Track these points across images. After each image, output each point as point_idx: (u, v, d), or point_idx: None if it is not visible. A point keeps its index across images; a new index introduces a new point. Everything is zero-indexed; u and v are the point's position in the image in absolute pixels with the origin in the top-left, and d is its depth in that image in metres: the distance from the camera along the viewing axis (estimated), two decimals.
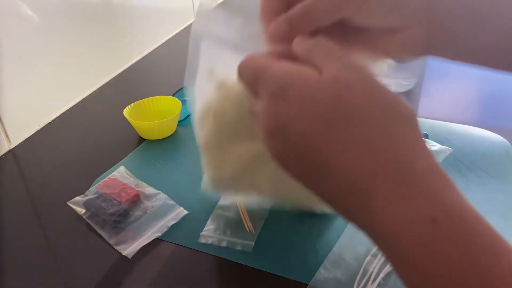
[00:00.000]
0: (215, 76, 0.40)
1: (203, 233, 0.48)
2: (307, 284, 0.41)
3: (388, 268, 0.40)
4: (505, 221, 0.47)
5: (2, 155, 0.62)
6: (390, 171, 0.25)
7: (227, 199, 0.51)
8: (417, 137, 0.26)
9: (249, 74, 0.31)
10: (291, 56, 0.31)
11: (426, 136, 0.60)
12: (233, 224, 0.48)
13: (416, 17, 0.33)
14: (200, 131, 0.43)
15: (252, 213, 0.49)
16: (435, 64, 0.86)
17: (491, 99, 0.73)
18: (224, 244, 0.46)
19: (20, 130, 0.65)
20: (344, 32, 0.34)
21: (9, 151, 0.63)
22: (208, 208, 0.51)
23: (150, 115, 0.66)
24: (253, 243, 0.46)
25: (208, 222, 0.49)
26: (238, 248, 0.46)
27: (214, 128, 0.41)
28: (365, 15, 0.33)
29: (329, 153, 0.26)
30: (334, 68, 0.27)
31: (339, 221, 0.48)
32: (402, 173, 0.25)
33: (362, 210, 0.26)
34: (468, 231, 0.23)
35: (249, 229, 0.47)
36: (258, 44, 0.34)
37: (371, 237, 0.26)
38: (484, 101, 0.73)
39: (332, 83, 0.27)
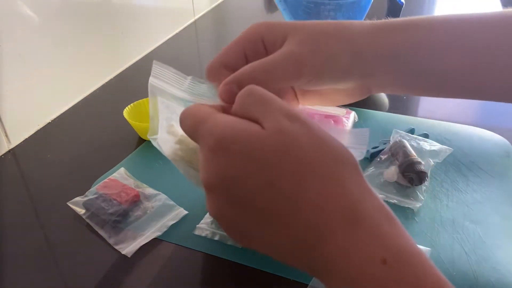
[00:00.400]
0: (174, 131, 0.42)
1: (199, 225, 0.49)
2: (307, 284, 0.41)
3: None
4: (505, 221, 0.47)
5: (2, 155, 0.62)
6: (343, 217, 0.25)
7: None
8: (362, 180, 0.27)
9: (189, 125, 0.30)
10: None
11: (426, 136, 0.60)
12: None
13: (359, 79, 0.37)
14: (177, 167, 0.44)
15: None
16: None
17: None
18: (216, 238, 0.47)
19: (20, 130, 0.65)
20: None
21: (9, 151, 0.63)
22: None
23: None
24: None
25: (207, 215, 0.50)
26: (229, 243, 0.46)
27: (189, 169, 0.42)
28: (314, 84, 0.36)
29: (278, 209, 0.26)
30: (275, 120, 0.27)
31: None
32: (354, 217, 0.25)
33: (317, 259, 0.26)
34: (416, 272, 0.24)
35: None
36: (209, 102, 0.35)
37: (327, 282, 0.26)
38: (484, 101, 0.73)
39: (276, 137, 0.26)
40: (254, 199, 0.26)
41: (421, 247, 0.41)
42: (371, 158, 0.58)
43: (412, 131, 0.61)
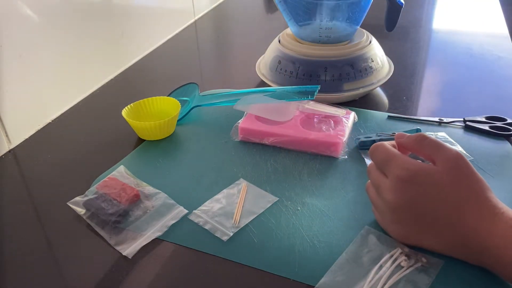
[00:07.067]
0: None
1: (195, 211, 0.50)
2: (308, 284, 0.41)
3: (394, 278, 0.41)
4: None
5: (2, 155, 0.62)
6: (489, 213, 0.39)
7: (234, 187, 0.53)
8: (491, 192, 0.41)
9: (382, 158, 0.44)
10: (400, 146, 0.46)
11: (419, 131, 0.61)
12: (225, 212, 0.50)
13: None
14: None
15: (247, 208, 0.50)
16: (435, 63, 0.86)
17: (490, 98, 0.73)
18: (207, 227, 0.48)
19: (20, 130, 0.66)
20: None
21: (9, 151, 0.63)
22: None
23: (148, 115, 0.66)
24: (231, 235, 0.47)
25: (206, 203, 0.51)
26: (217, 235, 0.47)
27: None
28: None
29: (448, 216, 0.40)
30: (446, 160, 0.41)
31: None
32: (493, 212, 0.39)
33: (482, 248, 0.39)
34: None
35: (234, 220, 0.48)
36: None
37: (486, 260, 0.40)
38: (483, 100, 0.73)
39: (448, 172, 0.41)
40: (433, 211, 0.41)
41: (433, 258, 0.43)
42: (360, 146, 0.59)
43: (418, 131, 0.61)
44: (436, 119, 0.65)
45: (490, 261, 0.39)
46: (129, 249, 0.46)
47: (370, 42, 0.72)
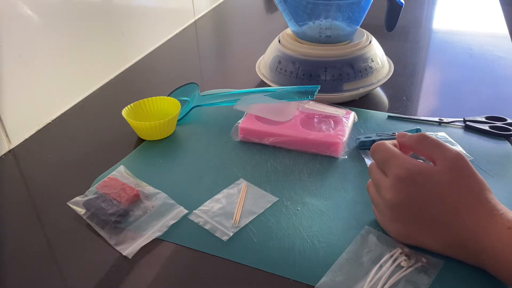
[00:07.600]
0: None
1: (195, 211, 0.50)
2: (308, 284, 0.41)
3: (394, 278, 0.41)
4: None
5: (2, 155, 0.62)
6: (486, 215, 0.39)
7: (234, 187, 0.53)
8: (490, 193, 0.41)
9: (382, 157, 0.44)
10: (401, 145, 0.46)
11: (419, 131, 0.61)
12: (225, 212, 0.50)
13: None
14: None
15: (247, 208, 0.50)
16: (435, 63, 0.86)
17: (490, 98, 0.73)
18: (207, 227, 0.48)
19: (20, 130, 0.65)
20: None
21: (9, 151, 0.63)
22: None
23: (149, 115, 0.66)
24: (231, 235, 0.47)
25: (206, 203, 0.51)
26: (217, 234, 0.47)
27: None
28: None
29: (445, 217, 0.40)
30: (445, 160, 0.41)
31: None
32: (491, 213, 0.39)
33: (471, 246, 0.40)
34: None
35: (234, 220, 0.48)
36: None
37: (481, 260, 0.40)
38: (483, 100, 0.73)
39: (448, 172, 0.41)
40: (432, 211, 0.41)
41: (433, 258, 0.43)
42: (360, 146, 0.59)
43: (418, 131, 0.61)
44: (436, 119, 0.65)
45: (487, 262, 0.39)
46: (129, 249, 0.46)
47: (370, 42, 0.72)
